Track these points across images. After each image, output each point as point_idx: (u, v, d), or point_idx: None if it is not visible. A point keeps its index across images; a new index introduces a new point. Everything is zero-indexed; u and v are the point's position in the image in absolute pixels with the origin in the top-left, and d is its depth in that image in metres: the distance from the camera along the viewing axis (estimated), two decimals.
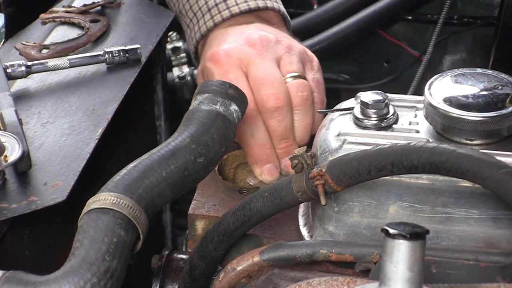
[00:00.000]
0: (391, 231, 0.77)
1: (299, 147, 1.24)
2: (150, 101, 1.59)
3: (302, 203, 1.15)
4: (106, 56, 1.35)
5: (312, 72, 1.29)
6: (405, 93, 1.79)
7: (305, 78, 1.26)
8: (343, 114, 1.12)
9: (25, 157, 1.10)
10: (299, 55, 1.28)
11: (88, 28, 1.42)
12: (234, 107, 1.11)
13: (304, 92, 1.23)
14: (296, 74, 1.25)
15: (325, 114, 1.16)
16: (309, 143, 1.18)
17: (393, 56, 2.17)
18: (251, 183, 1.25)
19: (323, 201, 1.02)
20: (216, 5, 1.38)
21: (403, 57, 2.16)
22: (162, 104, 1.60)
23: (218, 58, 1.26)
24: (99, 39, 1.42)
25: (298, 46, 1.30)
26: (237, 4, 1.37)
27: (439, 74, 1.11)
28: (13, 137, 1.11)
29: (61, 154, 1.16)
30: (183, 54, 1.86)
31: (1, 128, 1.16)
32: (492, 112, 1.04)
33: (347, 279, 0.98)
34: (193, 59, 1.44)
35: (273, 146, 1.24)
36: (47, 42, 1.41)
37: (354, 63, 2.19)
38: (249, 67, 1.24)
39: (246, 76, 1.24)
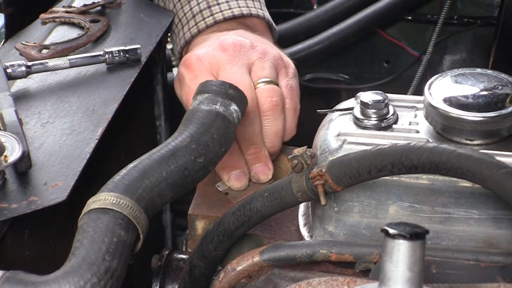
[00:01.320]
0: (391, 231, 0.77)
1: (270, 153, 1.23)
2: (150, 101, 1.59)
3: (302, 203, 1.15)
4: (106, 56, 1.35)
5: (286, 78, 1.27)
6: (405, 93, 1.80)
7: (277, 84, 1.24)
8: (343, 114, 1.12)
9: (25, 157, 1.10)
10: (273, 61, 1.26)
11: (88, 28, 1.42)
12: (234, 107, 1.11)
13: (273, 98, 1.22)
14: (267, 79, 1.24)
15: (324, 115, 1.16)
16: (309, 144, 1.17)
17: (393, 56, 2.17)
18: (220, 189, 1.23)
19: (323, 201, 1.02)
20: (201, 11, 1.38)
21: (403, 57, 2.16)
22: (162, 104, 1.60)
23: (189, 63, 1.26)
24: (99, 39, 1.42)
25: (273, 51, 1.28)
26: (221, 11, 1.37)
27: (439, 74, 1.11)
28: (13, 137, 1.11)
29: (61, 154, 1.16)
30: None
31: (1, 128, 1.16)
32: (492, 112, 1.04)
33: (347, 279, 0.98)
34: (178, 65, 1.44)
35: (241, 152, 1.23)
36: (47, 42, 1.41)
37: (354, 63, 2.18)
38: (219, 72, 1.24)
39: None
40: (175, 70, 1.85)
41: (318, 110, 1.24)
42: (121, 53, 1.36)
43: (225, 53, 1.25)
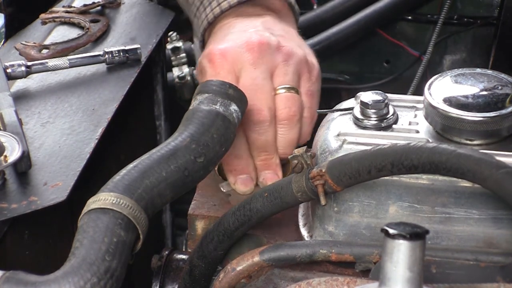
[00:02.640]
0: (391, 231, 0.77)
1: (281, 160, 1.23)
2: (150, 101, 1.59)
3: (302, 203, 1.15)
4: (106, 56, 1.35)
5: (309, 83, 1.23)
6: (405, 93, 1.80)
7: (297, 91, 1.21)
8: (343, 114, 1.12)
9: (25, 157, 1.11)
10: (296, 65, 1.23)
11: (88, 28, 1.42)
12: (234, 107, 1.11)
13: (292, 108, 1.19)
14: (288, 86, 1.21)
15: (324, 115, 1.16)
16: (309, 144, 1.17)
17: (393, 56, 2.17)
18: (223, 190, 1.22)
19: (323, 201, 1.02)
20: None
21: (403, 57, 2.16)
22: (162, 104, 1.60)
23: (213, 58, 1.23)
24: (99, 39, 1.43)
25: (299, 53, 1.24)
26: None
27: (439, 74, 1.11)
28: (13, 137, 1.11)
29: (61, 154, 1.16)
30: (183, 54, 1.85)
31: (1, 128, 1.16)
32: (492, 112, 1.04)
33: (347, 279, 0.98)
34: (200, 49, 1.40)
35: (251, 157, 1.21)
36: (47, 42, 1.41)
37: (354, 63, 2.19)
38: (242, 72, 1.21)
39: (237, 80, 1.21)
40: (175, 70, 1.86)
41: (318, 110, 1.24)
42: (121, 53, 1.36)
43: (250, 53, 1.21)
